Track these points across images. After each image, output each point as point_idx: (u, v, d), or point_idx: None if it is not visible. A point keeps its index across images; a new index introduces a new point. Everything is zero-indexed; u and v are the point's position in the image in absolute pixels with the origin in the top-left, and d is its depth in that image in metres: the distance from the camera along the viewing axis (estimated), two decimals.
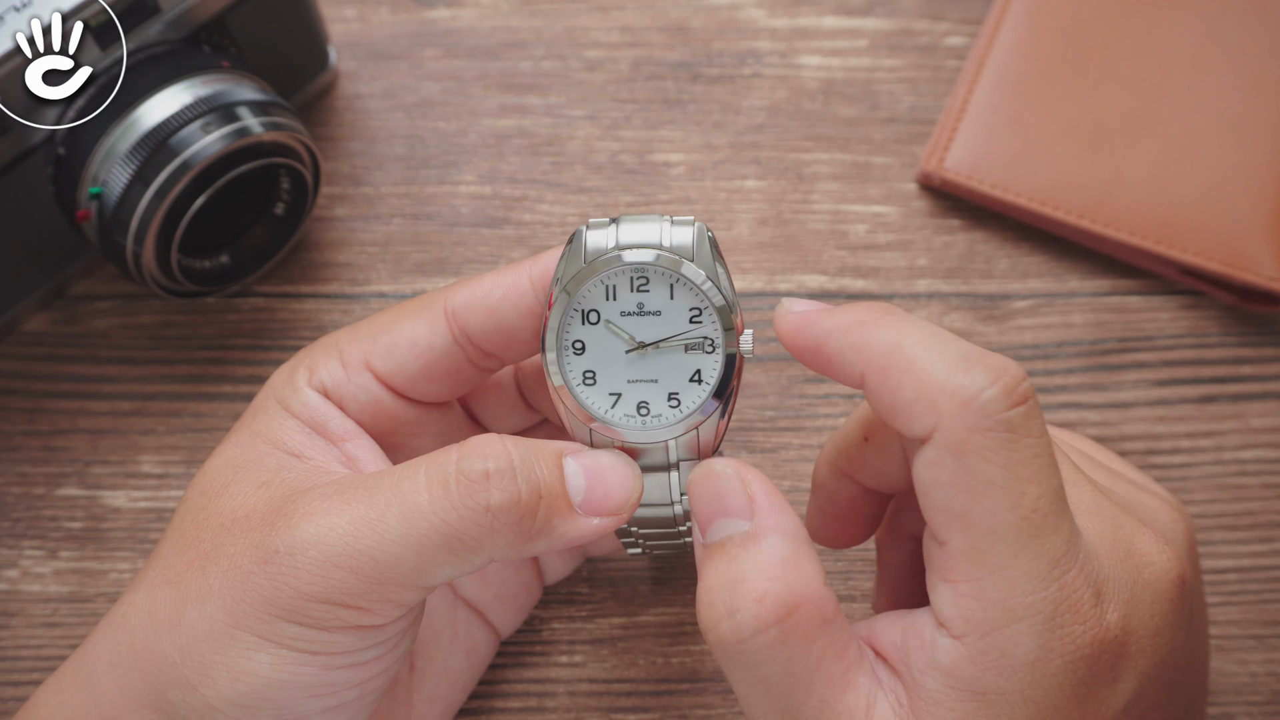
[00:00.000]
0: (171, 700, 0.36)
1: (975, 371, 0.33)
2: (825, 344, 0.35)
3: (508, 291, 0.39)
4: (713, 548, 0.35)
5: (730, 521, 0.35)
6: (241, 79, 0.47)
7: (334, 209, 0.55)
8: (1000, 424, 0.32)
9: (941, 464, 0.33)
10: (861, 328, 0.35)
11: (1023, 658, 0.32)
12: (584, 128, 0.56)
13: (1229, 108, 0.54)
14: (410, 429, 0.41)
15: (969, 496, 0.32)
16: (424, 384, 0.40)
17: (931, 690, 0.33)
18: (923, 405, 0.33)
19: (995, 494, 0.32)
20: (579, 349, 0.38)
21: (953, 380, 0.33)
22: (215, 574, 0.36)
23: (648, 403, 0.38)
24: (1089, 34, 0.55)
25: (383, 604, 0.35)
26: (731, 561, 0.35)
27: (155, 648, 0.36)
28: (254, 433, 0.39)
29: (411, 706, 0.43)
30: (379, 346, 0.40)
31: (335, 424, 0.39)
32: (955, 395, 0.32)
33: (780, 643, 0.33)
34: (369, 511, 0.35)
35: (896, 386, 0.33)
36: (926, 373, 0.33)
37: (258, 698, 0.35)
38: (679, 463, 0.39)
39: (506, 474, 0.35)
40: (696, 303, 0.37)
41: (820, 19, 0.58)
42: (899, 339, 0.34)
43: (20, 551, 0.49)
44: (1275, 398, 0.52)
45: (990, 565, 0.33)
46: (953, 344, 0.34)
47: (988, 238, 0.54)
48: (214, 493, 0.38)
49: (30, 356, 0.52)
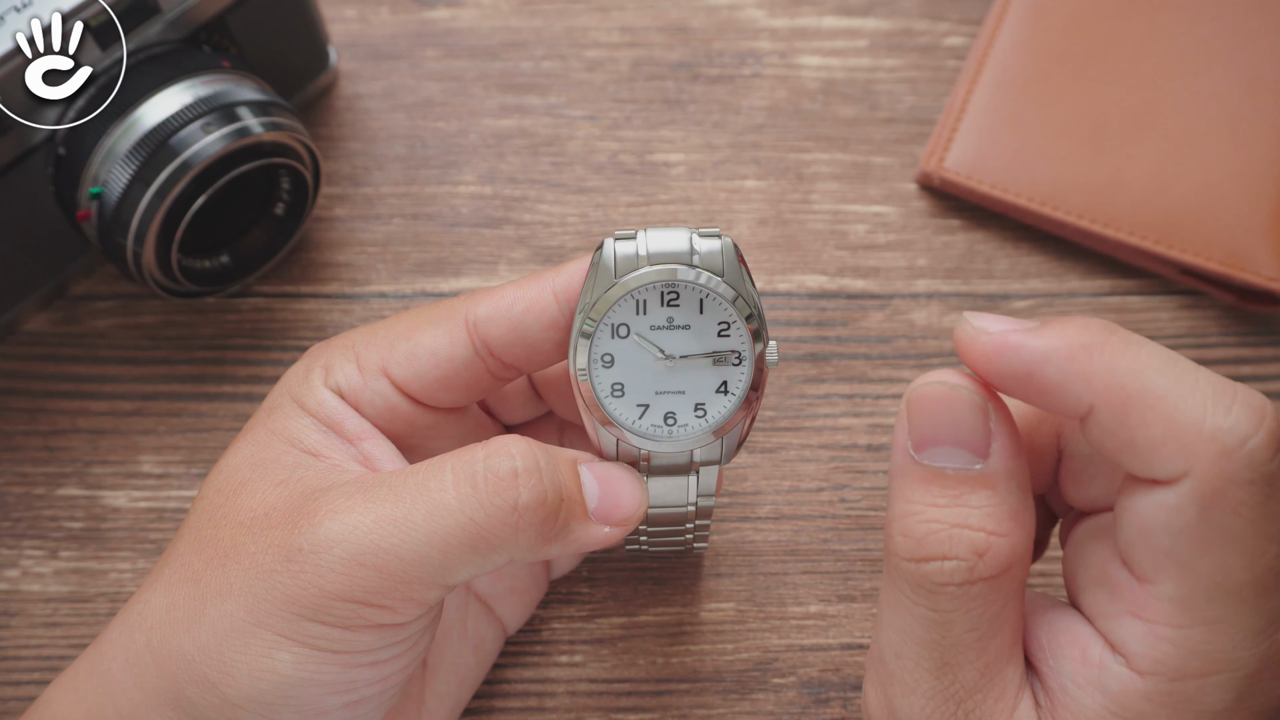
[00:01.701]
0: (191, 698, 0.36)
1: (1236, 412, 0.29)
2: (1041, 371, 0.32)
3: (530, 304, 0.39)
4: (931, 475, 0.33)
5: (959, 453, 0.32)
6: (241, 79, 0.47)
7: (334, 209, 0.55)
8: (1263, 477, 0.29)
9: (1183, 511, 0.30)
10: (1088, 352, 0.31)
11: (1212, 707, 0.31)
12: (584, 128, 0.56)
13: (1229, 108, 0.54)
14: (426, 432, 0.41)
15: (1200, 547, 0.30)
16: (442, 393, 0.40)
17: (1088, 707, 0.32)
18: (1174, 448, 0.30)
19: (1233, 549, 0.30)
20: (608, 362, 0.38)
21: (1212, 422, 0.29)
22: (236, 572, 0.36)
23: (675, 413, 0.38)
24: (1089, 34, 0.55)
25: (405, 602, 0.35)
26: (957, 500, 0.32)
27: (174, 646, 0.36)
28: (270, 430, 0.39)
29: (423, 703, 0.43)
30: (397, 354, 0.39)
31: (351, 423, 0.39)
32: (1215, 441, 0.29)
33: (982, 598, 0.32)
34: (394, 510, 0.35)
35: (1140, 424, 0.30)
36: (1179, 410, 0.30)
37: (279, 696, 0.35)
38: (699, 467, 0.39)
39: (534, 474, 0.35)
40: (725, 317, 0.38)
41: (820, 19, 0.58)
42: (1139, 367, 0.30)
43: (20, 551, 0.49)
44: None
45: (1204, 617, 0.31)
46: (1200, 375, 0.30)
47: (988, 238, 0.54)
48: (232, 491, 0.38)
49: (30, 356, 0.52)
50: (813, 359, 0.52)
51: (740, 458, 0.50)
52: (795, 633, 0.48)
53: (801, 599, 0.48)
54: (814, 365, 0.52)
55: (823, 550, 0.49)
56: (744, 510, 0.50)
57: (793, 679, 0.47)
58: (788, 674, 0.47)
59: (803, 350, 0.52)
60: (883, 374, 0.52)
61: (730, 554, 0.49)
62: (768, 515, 0.49)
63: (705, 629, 0.48)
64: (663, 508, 0.40)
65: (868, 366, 0.52)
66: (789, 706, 0.46)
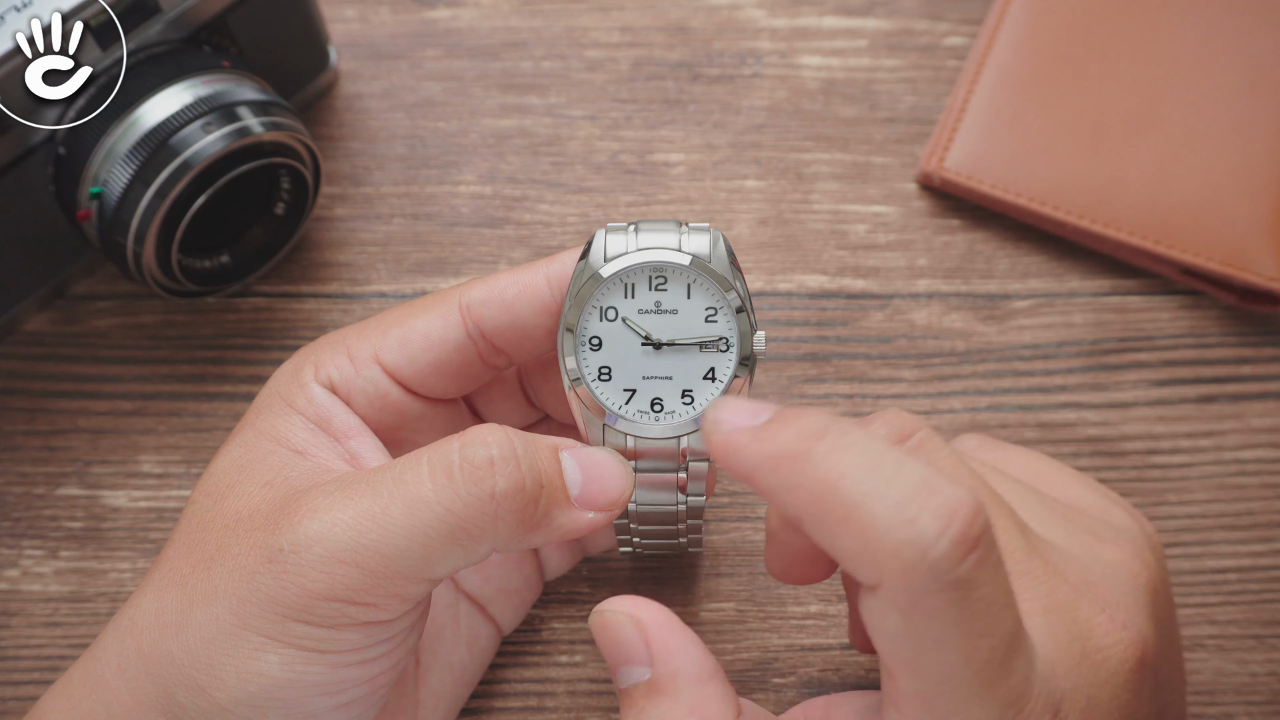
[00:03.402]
0: (181, 702, 0.36)
1: (922, 520, 0.29)
2: (755, 479, 0.32)
3: (523, 289, 0.39)
4: (623, 696, 0.35)
5: (633, 670, 0.35)
6: (242, 79, 0.47)
7: (334, 209, 0.55)
8: (951, 584, 0.29)
9: (888, 616, 0.30)
10: (792, 463, 0.31)
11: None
12: (584, 128, 0.56)
13: (1229, 108, 0.54)
14: (416, 425, 0.41)
15: (916, 650, 0.30)
16: (433, 379, 0.40)
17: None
18: (865, 560, 0.30)
19: (946, 650, 0.30)
20: (595, 345, 0.38)
21: (896, 536, 0.29)
22: (221, 575, 0.36)
23: (662, 399, 0.38)
24: (1089, 34, 0.55)
25: (389, 599, 0.35)
26: (638, 715, 0.34)
27: (163, 650, 0.36)
28: (258, 431, 0.39)
29: (418, 701, 0.43)
30: (390, 340, 0.40)
31: (339, 420, 0.39)
32: (899, 555, 0.29)
33: None
34: (372, 505, 0.35)
35: (835, 537, 0.30)
36: (867, 524, 0.30)
37: (267, 698, 0.35)
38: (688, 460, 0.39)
39: (510, 460, 0.35)
40: (712, 303, 0.38)
41: (820, 19, 0.58)
42: (835, 478, 0.30)
43: (20, 551, 0.49)
44: (1275, 398, 0.52)
45: (942, 711, 0.31)
46: (896, 477, 0.30)
47: (988, 238, 0.54)
48: (219, 494, 0.38)
49: (30, 356, 0.52)
50: (813, 359, 0.52)
51: None
52: (795, 633, 0.48)
53: (801, 599, 0.48)
54: (814, 365, 0.52)
55: None
56: (744, 510, 0.50)
57: (793, 679, 0.47)
58: (788, 674, 0.47)
59: (803, 350, 0.52)
60: (883, 374, 0.52)
61: (730, 554, 0.49)
62: None
63: (705, 629, 0.48)
64: (652, 505, 0.40)
65: (868, 366, 0.52)
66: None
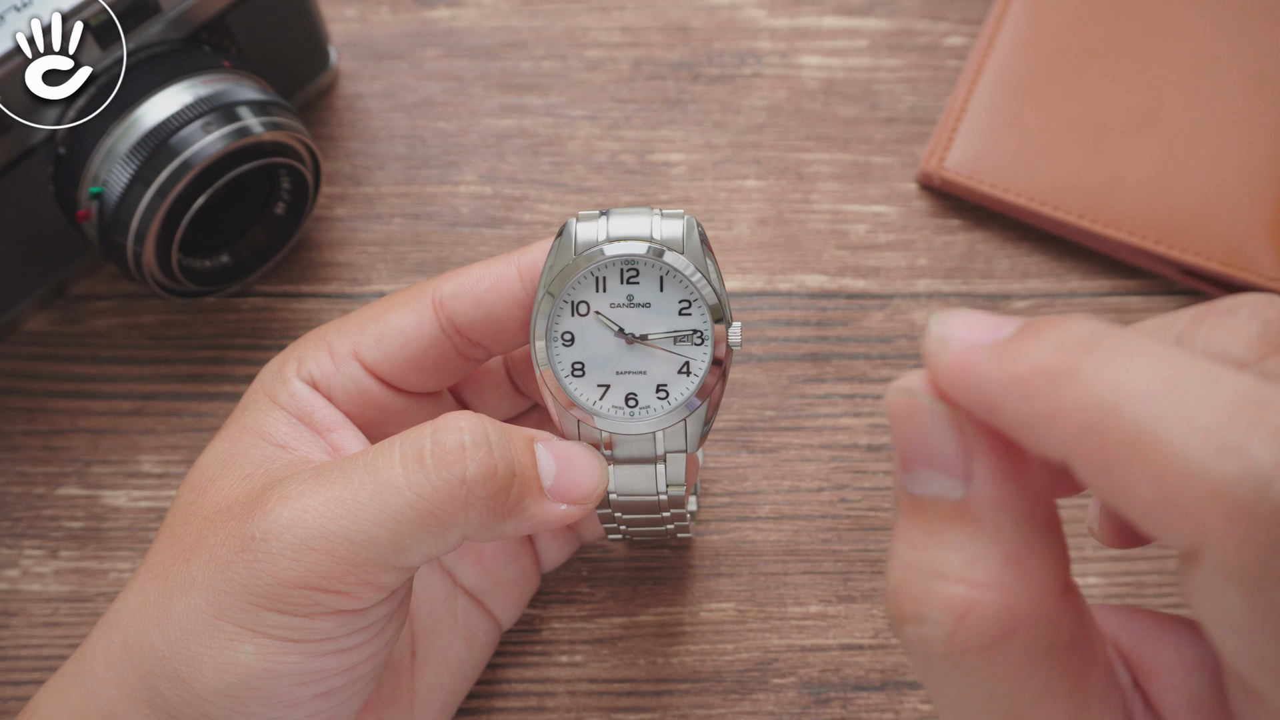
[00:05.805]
0: (164, 694, 0.36)
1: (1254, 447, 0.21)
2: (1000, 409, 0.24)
3: (495, 282, 0.39)
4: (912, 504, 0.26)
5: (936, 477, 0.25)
6: (242, 79, 0.47)
7: (334, 209, 0.55)
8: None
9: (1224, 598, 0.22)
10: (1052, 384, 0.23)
11: None
12: (584, 128, 0.56)
13: (1229, 108, 0.54)
14: (399, 418, 0.41)
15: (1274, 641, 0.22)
16: (411, 373, 0.40)
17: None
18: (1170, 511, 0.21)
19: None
20: (568, 340, 0.38)
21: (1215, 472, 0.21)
22: (198, 565, 0.36)
23: (636, 394, 0.38)
24: (1089, 34, 0.55)
25: (361, 586, 0.35)
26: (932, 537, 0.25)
27: (146, 642, 0.36)
28: (242, 426, 0.39)
29: (414, 694, 0.43)
30: (367, 336, 0.40)
31: (321, 414, 0.39)
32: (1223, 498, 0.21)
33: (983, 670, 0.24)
34: (343, 492, 0.35)
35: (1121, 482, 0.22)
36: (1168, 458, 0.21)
37: (245, 688, 0.35)
38: (665, 454, 0.39)
39: (482, 446, 0.35)
40: (686, 295, 0.37)
41: (820, 19, 0.58)
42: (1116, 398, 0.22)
43: (20, 551, 0.49)
44: None
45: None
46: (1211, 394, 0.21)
47: (988, 238, 0.54)
48: (202, 488, 0.38)
49: (30, 356, 0.52)
50: (813, 359, 0.52)
51: (740, 457, 0.50)
52: (795, 633, 0.48)
53: (801, 599, 0.48)
54: (814, 365, 0.52)
55: (823, 550, 0.49)
56: (744, 510, 0.50)
57: (793, 679, 0.47)
58: (788, 674, 0.47)
59: (803, 350, 0.52)
60: (883, 374, 0.52)
61: (730, 554, 0.49)
62: (768, 515, 0.49)
63: (705, 629, 0.48)
64: (632, 495, 0.39)
65: (868, 366, 0.52)
66: (789, 707, 0.46)
